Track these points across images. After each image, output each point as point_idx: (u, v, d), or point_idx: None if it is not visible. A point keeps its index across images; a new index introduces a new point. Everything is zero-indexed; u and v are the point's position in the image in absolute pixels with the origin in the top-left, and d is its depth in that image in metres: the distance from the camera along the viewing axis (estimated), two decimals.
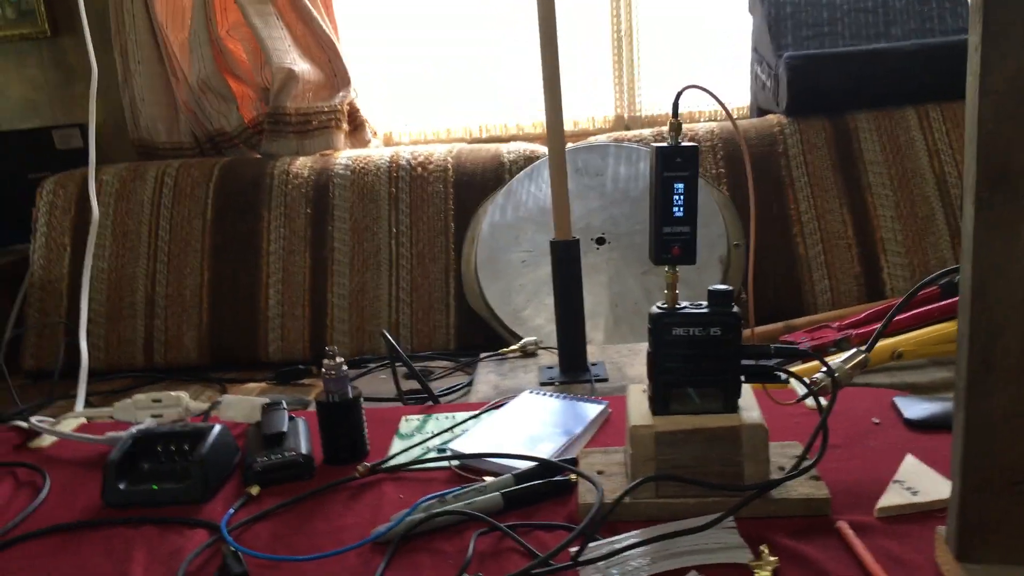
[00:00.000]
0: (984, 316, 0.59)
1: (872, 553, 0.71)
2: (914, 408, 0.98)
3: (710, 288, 0.79)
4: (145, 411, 1.06)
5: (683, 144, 0.77)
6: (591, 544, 0.75)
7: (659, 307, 0.81)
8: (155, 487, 0.90)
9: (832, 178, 1.81)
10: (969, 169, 0.59)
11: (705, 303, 0.80)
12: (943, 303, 1.49)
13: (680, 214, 0.78)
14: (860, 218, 1.78)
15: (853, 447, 0.91)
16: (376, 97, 2.27)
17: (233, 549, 0.77)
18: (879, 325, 1.52)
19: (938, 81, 1.82)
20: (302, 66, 2.06)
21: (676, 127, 0.78)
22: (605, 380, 1.39)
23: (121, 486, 0.91)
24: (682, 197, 0.77)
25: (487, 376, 1.45)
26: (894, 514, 0.78)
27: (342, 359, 0.97)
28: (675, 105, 0.78)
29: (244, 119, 2.11)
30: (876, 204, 1.78)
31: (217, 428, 0.96)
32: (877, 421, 0.98)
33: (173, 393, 1.08)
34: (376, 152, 2.03)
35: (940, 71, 1.81)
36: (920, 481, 0.82)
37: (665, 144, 0.78)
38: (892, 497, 0.79)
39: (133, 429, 0.98)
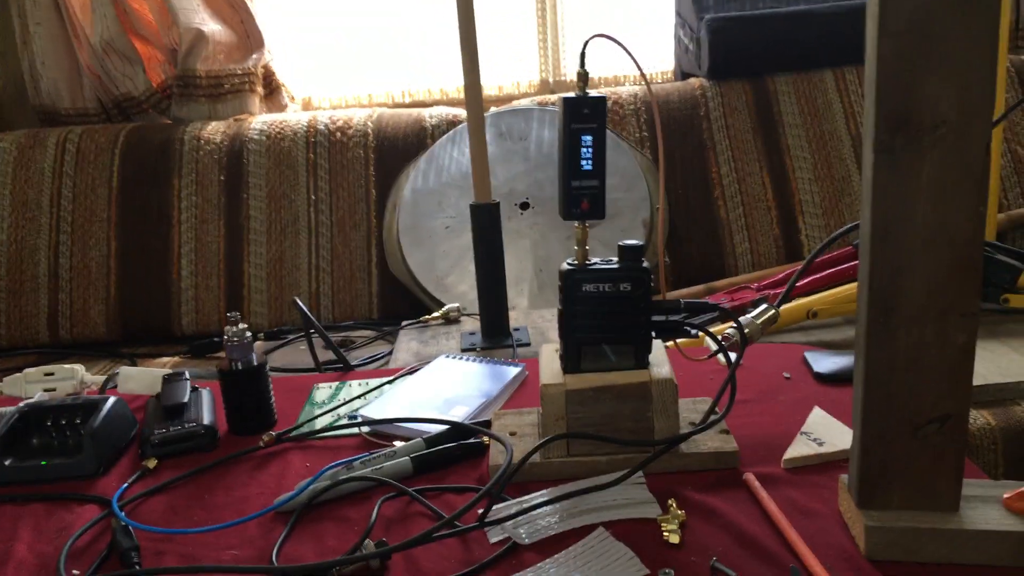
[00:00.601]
0: (885, 261, 0.59)
1: (777, 503, 0.71)
2: (824, 362, 0.99)
3: (620, 243, 0.78)
4: (36, 385, 1.00)
5: (591, 95, 0.75)
6: (501, 504, 0.73)
7: (569, 263, 0.79)
8: (44, 463, 0.85)
9: (752, 141, 1.82)
10: (869, 113, 0.58)
11: (615, 259, 0.79)
12: (856, 262, 1.52)
13: (588, 167, 0.76)
14: (779, 180, 1.79)
15: (763, 401, 0.92)
16: (293, 61, 2.19)
17: (123, 524, 0.73)
18: (806, 280, 1.55)
19: (855, 44, 1.83)
20: (212, 26, 1.97)
21: (583, 76, 0.76)
22: (527, 345, 1.38)
23: (7, 462, 0.85)
24: (590, 150, 0.75)
25: (408, 344, 1.42)
26: (800, 465, 0.78)
27: (245, 325, 0.93)
28: (582, 55, 0.76)
29: (152, 82, 2.01)
30: (795, 167, 1.80)
31: (112, 400, 0.91)
32: (788, 376, 0.98)
33: (67, 365, 1.03)
34: (293, 117, 1.96)
35: (857, 34, 1.83)
36: (826, 432, 0.82)
37: (572, 95, 0.75)
38: (798, 448, 0.80)
39: (22, 403, 0.93)
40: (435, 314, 1.53)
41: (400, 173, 1.85)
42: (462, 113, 1.94)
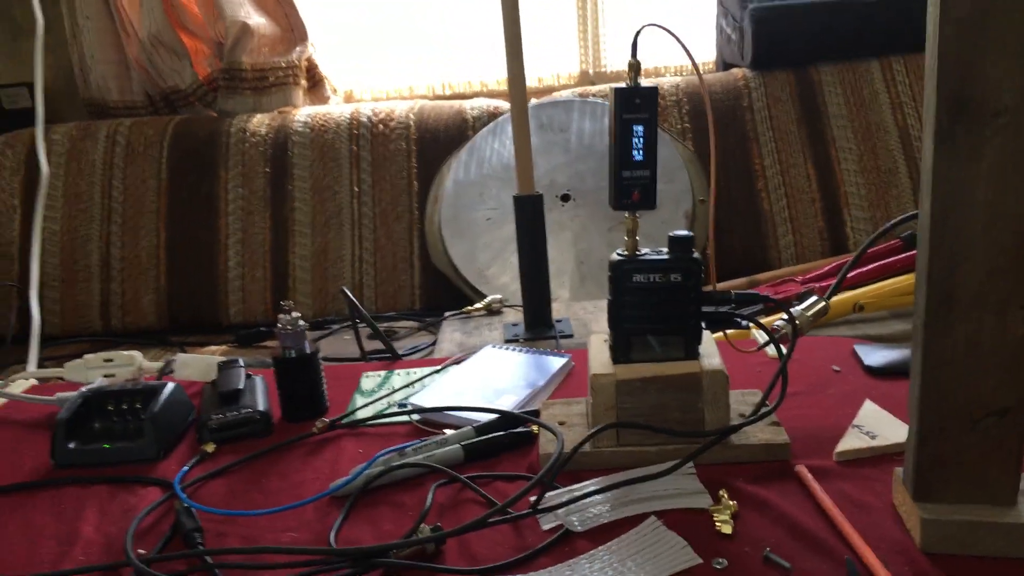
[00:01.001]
0: (944, 248, 0.58)
1: (830, 496, 0.71)
2: (874, 355, 0.98)
3: (670, 234, 0.78)
4: (96, 371, 1.03)
5: (642, 85, 0.75)
6: (552, 492, 0.74)
7: (619, 254, 0.79)
8: (107, 446, 0.88)
9: (796, 132, 1.80)
10: (929, 99, 0.58)
11: (665, 250, 0.79)
12: (904, 255, 1.50)
13: (640, 158, 0.76)
14: (824, 172, 1.78)
15: (813, 394, 0.91)
16: (335, 53, 2.22)
17: (186, 505, 0.75)
18: (852, 274, 1.54)
19: (902, 33, 1.81)
20: (257, 19, 2.00)
21: (635, 67, 0.76)
22: (570, 336, 1.38)
23: (71, 445, 0.88)
24: (641, 140, 0.76)
25: (452, 334, 1.43)
26: (852, 458, 0.78)
27: (298, 314, 0.95)
28: (634, 44, 0.76)
29: (198, 75, 2.05)
30: (840, 158, 1.78)
31: (171, 386, 0.94)
32: (837, 369, 0.98)
33: (125, 352, 1.05)
34: (336, 109, 1.98)
35: (904, 22, 1.81)
36: (878, 426, 0.82)
37: (623, 85, 0.76)
38: (850, 441, 0.79)
39: (84, 388, 0.96)
40: (477, 305, 1.54)
41: (442, 165, 1.87)
42: (503, 105, 1.95)
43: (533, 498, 0.73)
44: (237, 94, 2.01)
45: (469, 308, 1.54)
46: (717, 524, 0.69)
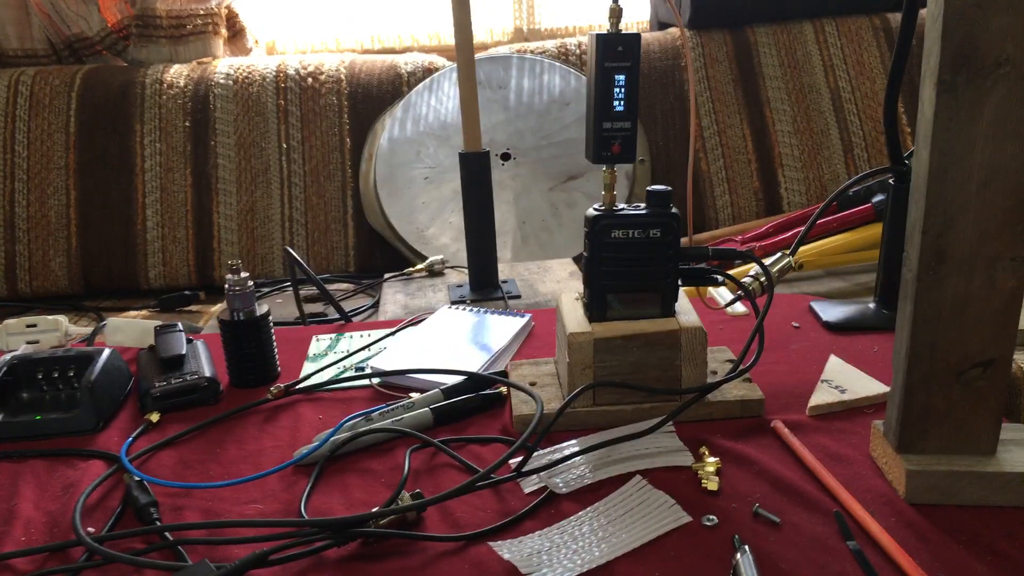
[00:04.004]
0: (941, 204, 0.58)
1: (809, 449, 0.71)
2: (831, 311, 1.00)
3: (649, 188, 0.76)
4: (19, 337, 0.95)
5: (625, 32, 0.72)
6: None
7: (596, 209, 0.77)
8: (38, 417, 0.81)
9: (733, 93, 1.81)
10: (932, 51, 0.57)
11: (642, 204, 0.77)
12: (840, 215, 1.53)
13: (621, 108, 0.73)
14: (759, 133, 1.79)
15: (777, 350, 0.92)
16: (257, 2, 2.10)
17: (137, 479, 0.70)
18: (791, 233, 1.56)
19: None
20: None
21: (617, 12, 0.73)
22: (518, 297, 1.36)
23: None
24: (623, 90, 0.73)
25: (394, 296, 1.39)
26: (824, 412, 0.78)
27: (247, 274, 0.89)
28: None
29: (107, 22, 1.90)
30: (775, 119, 1.80)
31: (107, 351, 0.87)
32: (797, 325, 0.99)
33: (50, 317, 0.97)
34: (260, 61, 1.87)
35: None
36: (846, 380, 0.83)
37: (605, 32, 0.72)
38: (822, 396, 0.80)
39: (7, 356, 0.87)
40: (419, 266, 1.49)
41: (375, 121, 1.80)
42: (438, 60, 1.89)
43: (514, 461, 0.70)
44: (151, 43, 1.88)
45: (410, 269, 1.49)
46: (703, 481, 0.68)
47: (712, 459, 0.71)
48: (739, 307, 0.95)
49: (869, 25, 1.84)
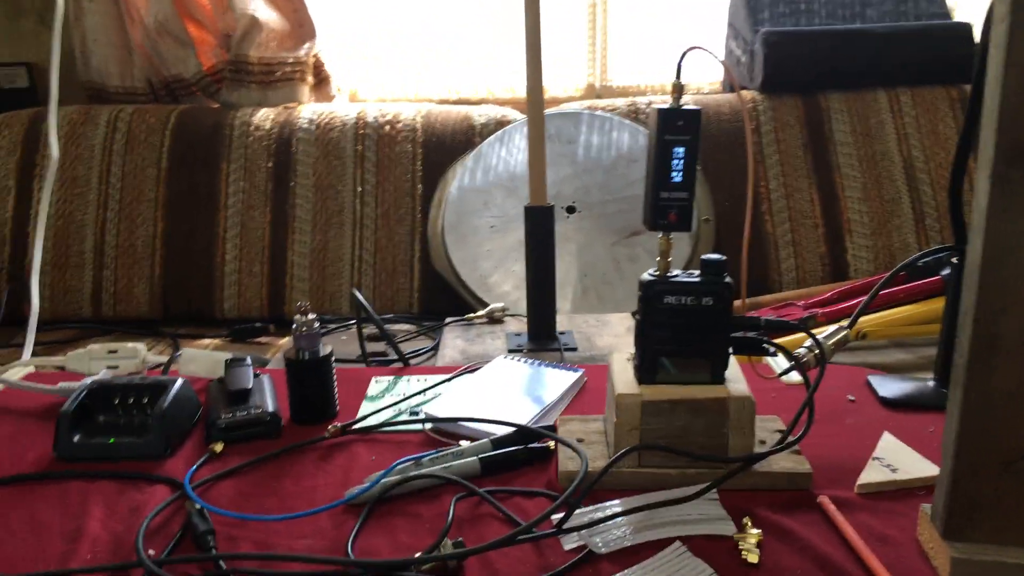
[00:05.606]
0: (992, 293, 0.58)
1: (854, 528, 0.71)
2: (889, 387, 0.98)
3: (704, 257, 0.78)
4: (100, 362, 1.01)
5: (685, 107, 0.75)
6: (575, 512, 0.73)
7: (651, 274, 0.79)
8: (112, 440, 0.86)
9: (802, 157, 1.81)
10: (987, 142, 0.58)
11: (697, 272, 0.78)
12: (908, 286, 1.51)
13: (679, 179, 0.75)
14: (828, 198, 1.79)
15: (830, 423, 0.91)
16: (341, 53, 2.20)
17: (198, 506, 0.74)
18: (855, 302, 1.54)
19: (910, 65, 1.83)
20: (266, 13, 1.98)
21: (679, 88, 0.75)
22: (574, 349, 1.37)
23: (75, 438, 0.86)
24: (681, 162, 0.75)
25: (454, 341, 1.42)
26: (874, 491, 0.78)
27: (314, 315, 0.93)
28: (679, 67, 0.76)
29: (203, 65, 2.02)
30: (844, 185, 1.79)
31: (179, 382, 0.92)
32: (852, 398, 0.98)
33: (130, 344, 1.03)
34: (342, 108, 1.96)
35: (912, 55, 1.83)
36: (898, 459, 0.82)
37: (667, 106, 0.75)
38: (872, 474, 0.79)
39: (87, 380, 0.93)
40: (479, 313, 1.53)
41: (447, 169, 1.85)
42: (511, 113, 1.94)
43: (556, 517, 0.72)
44: (242, 87, 1.99)
45: (471, 315, 1.53)
46: (744, 552, 0.68)
47: (754, 531, 0.71)
48: (794, 376, 0.94)
49: (946, 96, 1.83)
